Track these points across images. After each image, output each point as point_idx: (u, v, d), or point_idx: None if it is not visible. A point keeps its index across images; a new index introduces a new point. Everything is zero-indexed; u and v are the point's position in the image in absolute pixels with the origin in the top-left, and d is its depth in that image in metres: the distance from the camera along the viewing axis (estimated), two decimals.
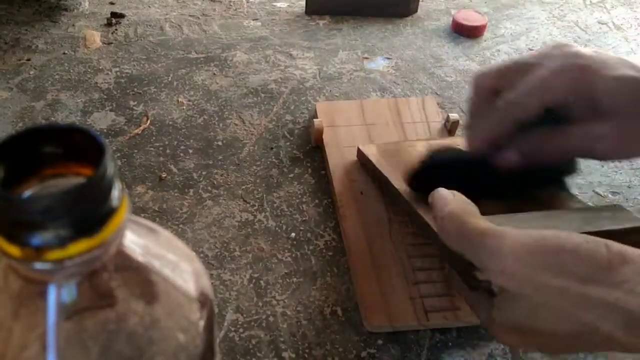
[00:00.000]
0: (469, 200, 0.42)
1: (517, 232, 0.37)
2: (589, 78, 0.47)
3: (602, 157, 0.50)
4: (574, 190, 0.65)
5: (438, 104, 0.76)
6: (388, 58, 0.87)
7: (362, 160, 0.65)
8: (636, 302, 0.34)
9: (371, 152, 0.64)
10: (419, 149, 0.61)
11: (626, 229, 0.43)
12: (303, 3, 0.97)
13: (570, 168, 0.52)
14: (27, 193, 0.24)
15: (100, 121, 0.74)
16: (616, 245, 0.35)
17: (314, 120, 0.69)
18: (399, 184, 0.57)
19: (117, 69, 0.83)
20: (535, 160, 0.50)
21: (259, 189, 0.66)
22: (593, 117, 0.48)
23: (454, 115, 0.70)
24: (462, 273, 0.41)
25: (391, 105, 0.74)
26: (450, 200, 0.41)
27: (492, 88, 0.52)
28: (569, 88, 0.47)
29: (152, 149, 0.70)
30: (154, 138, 0.72)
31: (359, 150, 0.65)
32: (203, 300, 0.30)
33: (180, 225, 0.62)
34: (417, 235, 0.59)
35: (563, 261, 0.35)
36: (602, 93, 0.47)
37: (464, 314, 0.53)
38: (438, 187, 0.48)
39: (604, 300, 0.34)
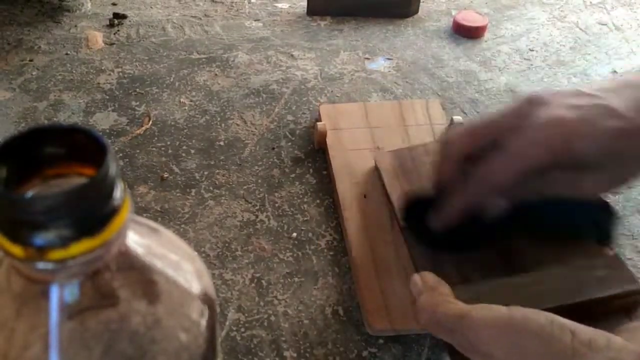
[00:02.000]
0: (437, 281, 0.42)
1: (484, 312, 0.36)
2: (571, 145, 0.46)
3: (592, 196, 0.50)
4: None
5: (440, 104, 0.76)
6: (389, 59, 0.87)
7: (378, 173, 0.64)
8: None
9: (384, 167, 0.63)
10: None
11: (612, 295, 0.42)
12: (304, 4, 0.97)
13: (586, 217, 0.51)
14: (30, 193, 0.25)
15: (103, 121, 0.74)
16: (584, 333, 0.33)
17: (317, 123, 0.69)
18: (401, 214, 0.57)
19: (120, 70, 0.83)
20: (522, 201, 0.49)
21: (261, 189, 0.66)
22: (579, 169, 0.47)
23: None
24: (447, 350, 0.42)
25: (395, 108, 0.74)
26: (420, 289, 0.42)
27: (463, 154, 0.50)
28: (550, 158, 0.46)
29: (154, 149, 0.71)
30: (156, 138, 0.72)
31: (375, 162, 0.64)
32: (205, 300, 0.30)
33: (182, 225, 0.62)
34: None
35: (527, 344, 0.34)
36: (585, 153, 0.46)
37: None
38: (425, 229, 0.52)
39: None
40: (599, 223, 0.51)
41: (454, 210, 0.50)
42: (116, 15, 0.93)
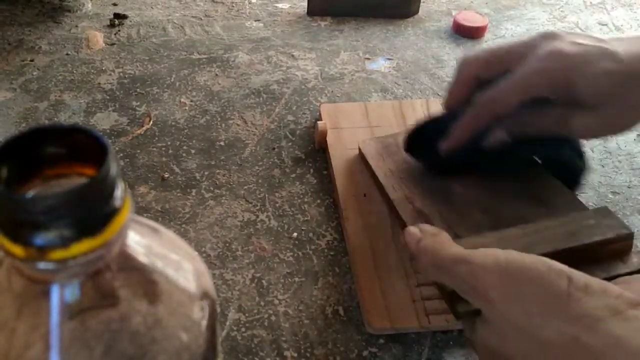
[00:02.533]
0: (438, 230, 0.43)
1: (484, 256, 0.37)
2: (570, 79, 0.48)
3: (578, 137, 0.52)
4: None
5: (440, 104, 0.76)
6: (389, 59, 0.87)
7: (363, 158, 0.66)
8: (597, 341, 0.32)
9: (369, 151, 0.64)
10: None
11: (604, 240, 0.43)
12: (305, 4, 0.97)
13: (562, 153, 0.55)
14: (31, 193, 0.25)
15: (103, 121, 0.75)
16: (580, 278, 0.34)
17: (318, 122, 0.69)
18: (393, 192, 0.59)
19: (120, 70, 0.83)
20: (519, 135, 0.52)
21: (261, 189, 0.66)
22: (573, 106, 0.50)
23: None
24: (447, 302, 0.42)
25: (395, 108, 0.74)
26: (419, 236, 0.42)
27: (474, 76, 0.53)
28: (549, 88, 0.49)
29: (154, 149, 0.71)
30: (156, 138, 0.72)
31: (360, 149, 0.66)
32: (205, 300, 0.30)
33: (183, 225, 0.62)
34: None
35: (525, 289, 0.35)
36: (582, 90, 0.48)
37: None
38: (430, 153, 0.55)
39: (563, 335, 0.33)
40: (572, 168, 0.55)
41: (461, 130, 0.53)
42: (117, 16, 0.93)
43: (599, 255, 0.43)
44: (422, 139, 0.59)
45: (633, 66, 0.48)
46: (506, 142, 0.53)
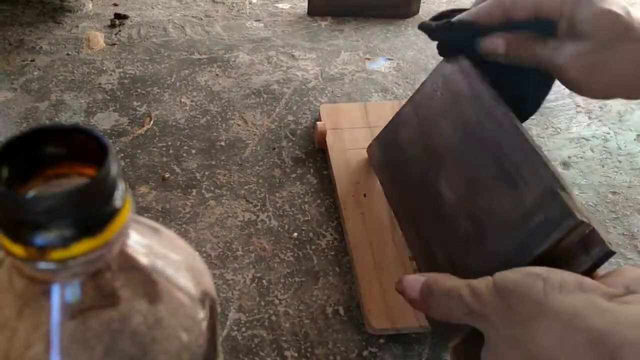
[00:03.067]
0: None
1: (480, 281, 0.38)
2: (577, 2, 0.49)
3: (561, 76, 0.52)
4: (575, 190, 0.66)
5: None
6: (389, 59, 0.87)
7: (371, 160, 0.64)
8: (580, 337, 0.32)
9: (374, 154, 0.63)
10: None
11: (556, 240, 0.40)
12: (305, 4, 0.97)
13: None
14: (31, 193, 0.25)
15: (104, 122, 0.75)
16: (556, 277, 0.34)
17: (318, 122, 0.69)
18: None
19: (121, 70, 0.83)
20: (512, 57, 0.53)
21: (262, 189, 0.66)
22: (569, 40, 0.50)
23: None
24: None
25: (395, 108, 0.74)
26: (422, 279, 0.42)
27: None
28: (559, 3, 0.50)
29: (155, 149, 0.71)
30: (157, 138, 0.72)
31: (369, 148, 0.64)
32: (206, 300, 0.30)
33: (184, 225, 0.62)
34: None
35: (509, 301, 0.35)
36: (582, 17, 0.49)
37: None
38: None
39: (550, 336, 0.33)
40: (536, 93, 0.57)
41: (475, 12, 0.54)
42: (117, 16, 0.93)
43: (560, 252, 0.40)
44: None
45: (638, 25, 0.48)
46: (499, 55, 0.53)
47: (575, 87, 0.52)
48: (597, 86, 0.51)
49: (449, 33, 0.56)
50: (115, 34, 0.90)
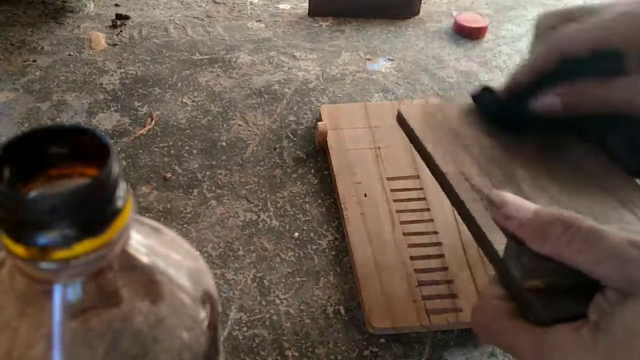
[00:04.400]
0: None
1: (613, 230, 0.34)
2: (637, 32, 0.45)
3: None
4: None
5: None
6: (390, 59, 0.87)
7: (404, 128, 0.57)
8: None
9: (414, 117, 0.56)
10: (470, 119, 0.56)
11: None
12: (306, 5, 0.97)
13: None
14: (33, 193, 0.25)
15: (105, 122, 0.75)
16: None
17: (318, 123, 0.69)
18: (445, 164, 0.50)
19: (122, 70, 0.83)
20: (573, 110, 0.48)
21: (263, 189, 0.67)
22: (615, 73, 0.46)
23: None
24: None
25: (395, 108, 0.74)
26: (529, 206, 0.37)
27: (555, 23, 0.50)
28: (625, 34, 0.45)
29: (156, 149, 0.71)
30: (158, 139, 0.72)
31: (399, 114, 0.57)
32: (207, 300, 0.30)
33: (185, 225, 0.62)
34: (420, 237, 0.59)
35: None
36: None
37: (465, 316, 0.53)
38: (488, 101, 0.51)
39: None
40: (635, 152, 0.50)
41: (526, 69, 0.50)
42: (119, 16, 0.94)
43: None
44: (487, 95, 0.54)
45: None
46: (557, 111, 0.49)
47: None
48: None
49: (498, 107, 0.52)
50: (117, 35, 0.90)
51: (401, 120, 0.56)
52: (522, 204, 0.37)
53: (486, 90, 0.54)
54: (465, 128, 0.53)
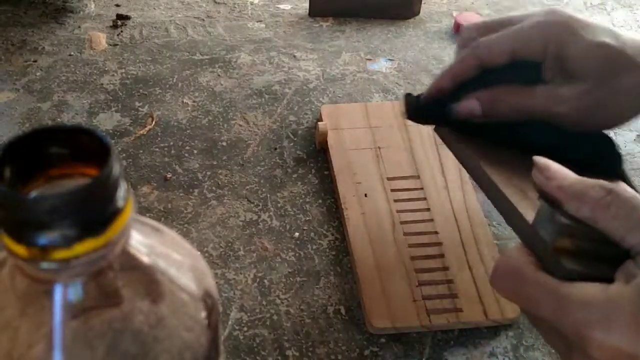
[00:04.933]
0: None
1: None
2: (564, 37, 0.46)
3: (562, 121, 0.48)
4: None
5: None
6: (390, 59, 0.87)
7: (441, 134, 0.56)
8: None
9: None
10: None
11: None
12: (306, 5, 0.97)
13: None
14: (34, 193, 0.25)
15: (106, 122, 0.75)
16: None
17: (319, 123, 0.69)
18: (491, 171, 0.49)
19: (123, 71, 0.83)
20: (494, 115, 0.49)
21: (263, 189, 0.67)
22: (561, 80, 0.47)
23: None
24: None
25: (395, 108, 0.74)
26: (571, 172, 0.38)
27: (477, 34, 0.52)
28: (542, 42, 0.47)
29: (157, 149, 0.71)
30: (159, 139, 0.72)
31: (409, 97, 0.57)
32: (207, 299, 0.30)
33: (185, 225, 0.62)
34: (421, 237, 0.60)
35: None
36: (573, 54, 0.46)
37: (465, 316, 0.53)
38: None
39: None
40: (601, 155, 0.51)
41: (445, 75, 0.52)
42: (119, 17, 0.93)
43: None
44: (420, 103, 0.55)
45: (632, 51, 0.46)
46: (478, 115, 0.50)
47: (577, 126, 0.49)
48: (603, 121, 0.49)
49: (422, 110, 0.54)
50: (118, 35, 0.90)
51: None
52: (564, 169, 0.38)
53: (409, 96, 0.55)
54: None
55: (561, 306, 0.34)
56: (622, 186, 0.35)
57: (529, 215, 0.40)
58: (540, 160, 0.39)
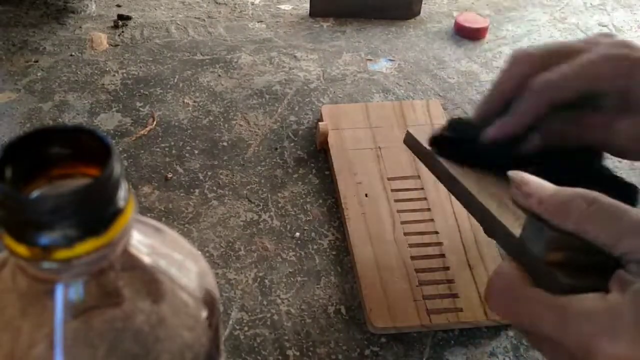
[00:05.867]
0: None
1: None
2: (631, 70, 0.45)
3: (618, 152, 0.48)
4: None
5: (440, 104, 0.76)
6: (391, 60, 0.87)
7: (411, 143, 0.56)
8: None
9: (422, 136, 0.55)
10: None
11: None
12: (307, 5, 0.97)
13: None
14: (35, 193, 0.25)
15: (107, 122, 0.75)
16: None
17: (319, 123, 0.69)
18: (469, 184, 0.49)
19: (124, 71, 0.83)
20: (552, 144, 0.47)
21: (264, 189, 0.67)
22: (621, 111, 0.46)
23: None
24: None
25: (396, 108, 0.74)
26: (549, 184, 0.37)
27: (532, 67, 0.48)
28: (612, 77, 0.45)
29: (158, 149, 0.71)
30: (160, 139, 0.73)
31: (408, 133, 0.56)
32: (208, 299, 0.30)
33: (186, 225, 0.62)
34: (421, 237, 0.60)
35: None
36: (636, 87, 0.45)
37: (466, 316, 0.53)
38: (460, 155, 0.48)
39: None
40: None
41: (516, 117, 0.47)
42: (120, 17, 0.94)
43: None
44: (453, 136, 0.52)
45: None
46: (540, 147, 0.47)
47: (630, 157, 0.48)
48: None
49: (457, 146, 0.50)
50: (119, 35, 0.90)
51: (409, 138, 0.56)
52: (541, 182, 0.37)
53: (442, 137, 0.52)
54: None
55: (563, 320, 0.33)
56: (602, 195, 0.35)
57: (515, 229, 0.40)
58: (516, 175, 0.38)
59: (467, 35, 0.92)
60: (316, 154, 0.71)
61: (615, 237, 0.33)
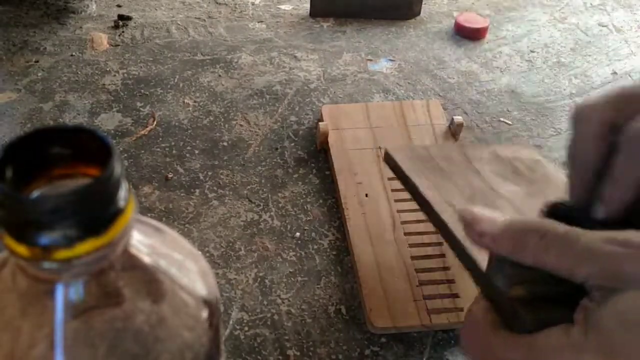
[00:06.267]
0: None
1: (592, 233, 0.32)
2: None
3: None
4: None
5: (440, 104, 0.76)
6: (391, 60, 0.88)
7: (391, 164, 0.57)
8: None
9: (400, 155, 0.57)
10: (455, 157, 0.56)
11: None
12: (307, 5, 0.97)
13: None
14: (36, 193, 0.25)
15: (108, 122, 0.75)
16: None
17: (320, 123, 0.69)
18: (430, 193, 0.50)
19: (124, 71, 0.83)
20: None
21: (264, 189, 0.67)
22: None
23: (458, 118, 0.70)
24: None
25: (396, 108, 0.74)
26: (499, 218, 0.36)
27: (608, 123, 0.39)
28: None
29: (158, 149, 0.71)
30: (160, 139, 0.73)
31: (386, 153, 0.58)
32: (209, 299, 0.30)
33: (187, 225, 0.63)
34: (421, 237, 0.60)
35: None
36: None
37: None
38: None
39: None
40: None
41: (622, 191, 0.39)
42: (121, 17, 0.94)
43: None
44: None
45: None
46: None
47: None
48: None
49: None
50: (119, 35, 0.90)
51: (388, 158, 0.57)
52: (491, 217, 0.36)
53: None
54: (451, 165, 0.54)
55: (532, 358, 0.33)
56: (555, 223, 0.34)
57: (484, 263, 0.39)
58: (466, 212, 0.37)
59: (467, 35, 0.93)
60: (316, 154, 0.71)
61: (572, 265, 0.32)
